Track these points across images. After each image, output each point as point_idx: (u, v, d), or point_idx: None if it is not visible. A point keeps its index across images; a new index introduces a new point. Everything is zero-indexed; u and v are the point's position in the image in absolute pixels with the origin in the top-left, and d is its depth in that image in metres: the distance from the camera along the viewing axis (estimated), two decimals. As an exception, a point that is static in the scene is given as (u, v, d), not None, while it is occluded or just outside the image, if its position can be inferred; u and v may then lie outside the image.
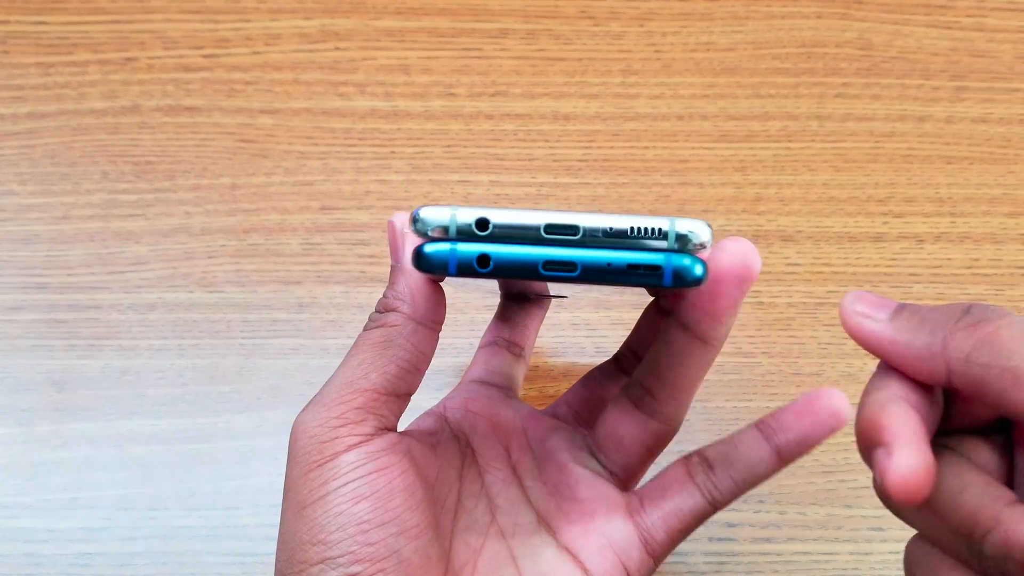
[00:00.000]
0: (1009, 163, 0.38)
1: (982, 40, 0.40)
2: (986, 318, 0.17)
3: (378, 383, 0.20)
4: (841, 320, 0.19)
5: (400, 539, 0.19)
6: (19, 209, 0.36)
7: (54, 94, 0.38)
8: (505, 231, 0.18)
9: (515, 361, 0.28)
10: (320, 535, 0.19)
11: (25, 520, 0.32)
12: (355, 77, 0.39)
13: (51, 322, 0.34)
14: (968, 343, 0.17)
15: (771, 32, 0.40)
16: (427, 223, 0.18)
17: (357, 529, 0.19)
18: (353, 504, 0.19)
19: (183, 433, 0.33)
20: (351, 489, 0.19)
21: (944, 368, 0.17)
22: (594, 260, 0.18)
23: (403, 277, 0.21)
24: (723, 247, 0.19)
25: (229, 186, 0.37)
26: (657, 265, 0.18)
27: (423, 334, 0.21)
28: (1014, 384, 0.16)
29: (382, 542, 0.19)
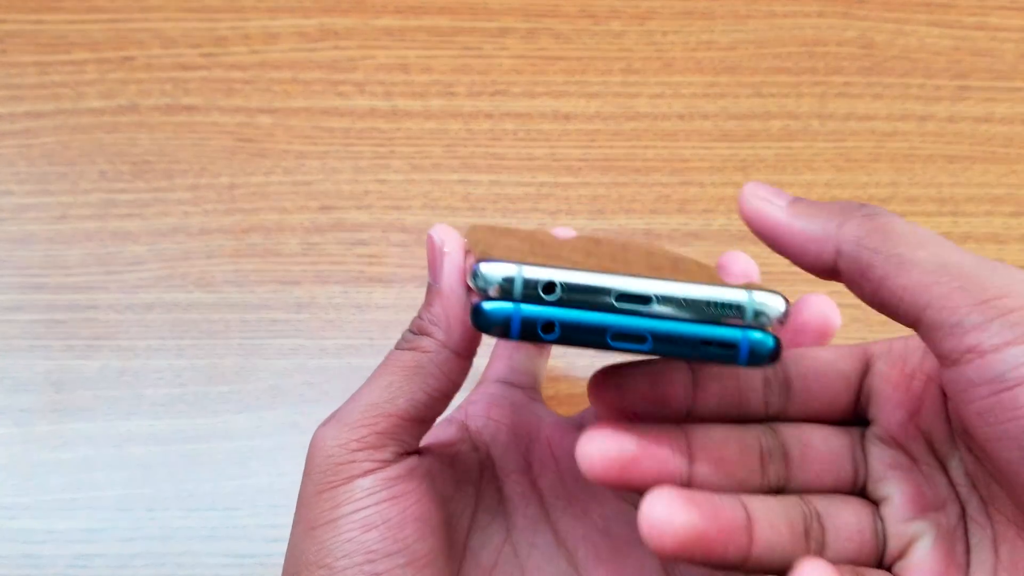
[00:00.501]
0: (1012, 162, 0.38)
1: (985, 39, 0.40)
2: (881, 212, 0.18)
3: (404, 409, 0.20)
4: (739, 206, 0.19)
5: (407, 570, 0.19)
6: (16, 209, 0.36)
7: (51, 93, 0.38)
8: (572, 295, 0.17)
9: (538, 354, 0.27)
10: (327, 559, 0.19)
11: (23, 521, 0.32)
12: (354, 76, 0.38)
13: (49, 322, 0.34)
14: (862, 229, 0.18)
15: (772, 31, 0.40)
16: (488, 280, 0.17)
17: (364, 558, 0.19)
18: (363, 532, 0.19)
19: (182, 433, 0.33)
20: (362, 516, 0.19)
21: (833, 251, 0.18)
22: (666, 333, 0.17)
23: (440, 300, 0.20)
24: (805, 303, 0.20)
25: (227, 185, 0.37)
26: (733, 342, 0.17)
27: (456, 363, 0.20)
28: (898, 269, 0.17)
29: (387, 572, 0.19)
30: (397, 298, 0.35)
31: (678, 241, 0.36)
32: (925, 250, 0.17)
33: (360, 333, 0.35)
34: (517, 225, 0.37)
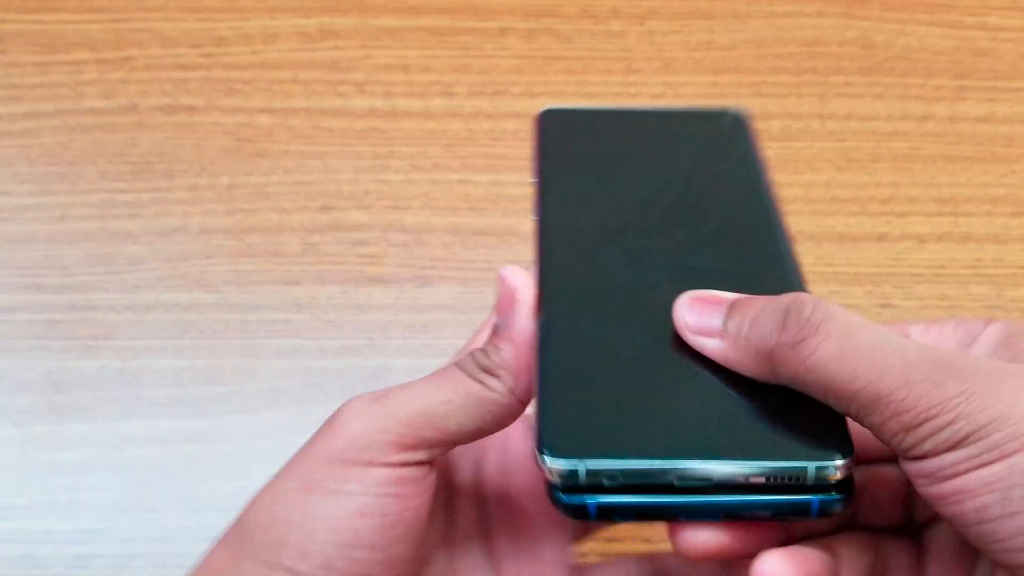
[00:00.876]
0: (1012, 162, 0.38)
1: (985, 39, 0.40)
2: (801, 337, 0.17)
3: (453, 431, 0.20)
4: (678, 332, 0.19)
5: (379, 567, 0.19)
6: (16, 209, 0.36)
7: (51, 93, 0.38)
8: (636, 480, 0.17)
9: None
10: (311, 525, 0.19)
11: (23, 521, 0.32)
12: (354, 76, 0.38)
13: (48, 322, 0.34)
14: (790, 369, 0.17)
15: (773, 31, 0.40)
16: (554, 472, 0.17)
17: (348, 541, 0.19)
18: (358, 517, 0.19)
19: (181, 434, 0.33)
20: (364, 502, 0.19)
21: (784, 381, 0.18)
22: (735, 508, 0.17)
23: (512, 349, 0.20)
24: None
25: (227, 186, 0.37)
26: (804, 506, 0.17)
27: (516, 410, 0.20)
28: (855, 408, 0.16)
29: (361, 563, 0.19)
30: (397, 298, 0.35)
31: (678, 241, 0.36)
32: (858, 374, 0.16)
33: (360, 333, 0.35)
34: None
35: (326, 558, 0.19)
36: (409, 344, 0.35)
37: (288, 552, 0.19)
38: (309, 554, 0.19)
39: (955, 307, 0.36)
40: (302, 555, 0.19)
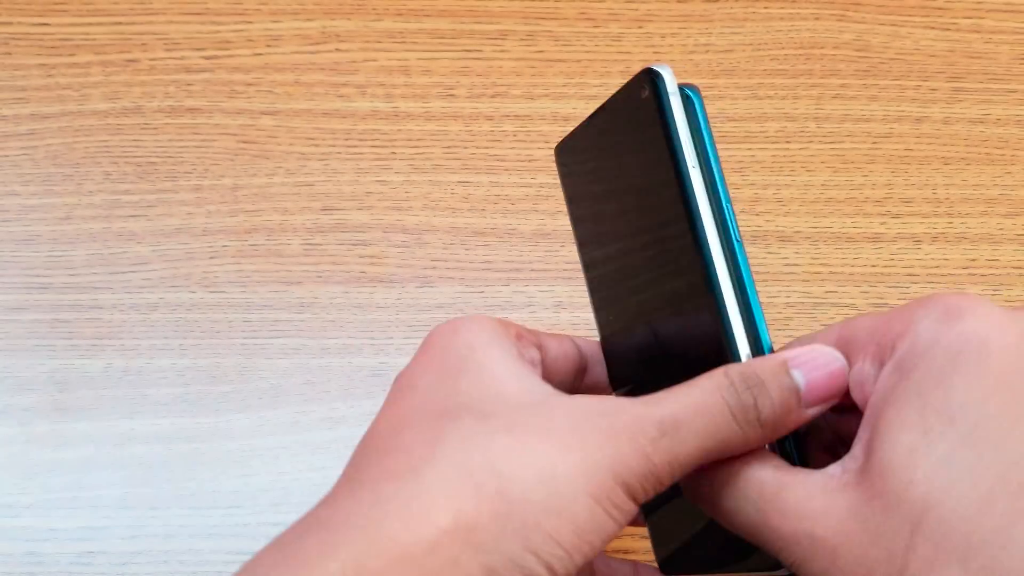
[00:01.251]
0: (1006, 164, 0.38)
1: (979, 41, 0.40)
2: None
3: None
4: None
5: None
6: (21, 210, 0.36)
7: (56, 95, 0.38)
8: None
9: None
10: (584, 535, 0.18)
11: (26, 519, 0.32)
12: (356, 78, 0.39)
13: (53, 322, 0.35)
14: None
15: (769, 34, 0.40)
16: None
17: (583, 565, 0.18)
18: (601, 542, 0.18)
19: (184, 433, 0.33)
20: (614, 532, 0.18)
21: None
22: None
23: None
24: None
25: (230, 187, 0.37)
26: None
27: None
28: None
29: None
30: (398, 298, 0.36)
31: (676, 241, 0.37)
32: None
33: (361, 333, 0.35)
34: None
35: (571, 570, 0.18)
36: (410, 343, 0.35)
37: (559, 555, 0.17)
38: (569, 565, 0.18)
39: (950, 306, 0.36)
40: (564, 564, 0.17)
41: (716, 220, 0.20)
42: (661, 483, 0.18)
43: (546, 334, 0.24)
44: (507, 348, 0.21)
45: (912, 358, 0.18)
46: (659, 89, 0.20)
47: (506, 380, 0.20)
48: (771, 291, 0.36)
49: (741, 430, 0.19)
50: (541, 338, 0.24)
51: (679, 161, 0.20)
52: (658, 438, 0.18)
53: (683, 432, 0.18)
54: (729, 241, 0.20)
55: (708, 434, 0.18)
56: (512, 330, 0.22)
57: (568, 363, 0.24)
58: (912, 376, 0.18)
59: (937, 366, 0.17)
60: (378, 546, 0.17)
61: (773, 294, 0.36)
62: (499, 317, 0.23)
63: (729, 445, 0.19)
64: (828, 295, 0.36)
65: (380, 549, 0.17)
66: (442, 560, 0.17)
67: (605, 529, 0.18)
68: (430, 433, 0.19)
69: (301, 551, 0.17)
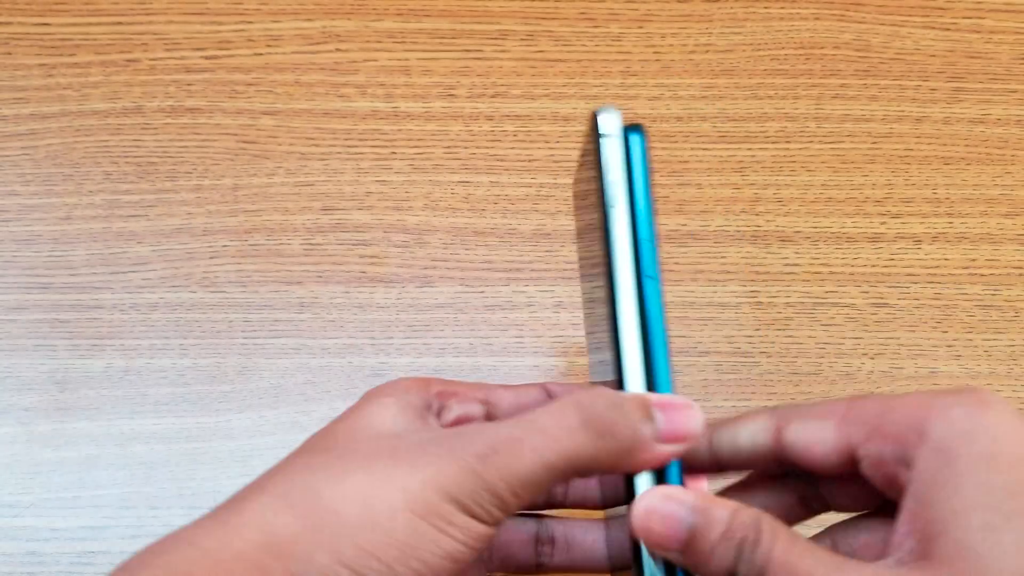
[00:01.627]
0: (1006, 164, 0.38)
1: (979, 41, 0.40)
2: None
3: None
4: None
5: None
6: (22, 210, 0.36)
7: (56, 95, 0.38)
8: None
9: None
10: (409, 550, 0.18)
11: (27, 519, 0.32)
12: (356, 78, 0.39)
13: (53, 322, 0.35)
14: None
15: (769, 33, 0.40)
16: None
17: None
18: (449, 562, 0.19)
19: (184, 432, 0.33)
20: (460, 552, 0.19)
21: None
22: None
23: None
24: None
25: (231, 187, 0.37)
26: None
27: None
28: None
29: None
30: (398, 298, 0.36)
31: (676, 241, 0.37)
32: None
33: (361, 333, 0.35)
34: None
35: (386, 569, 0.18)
36: (410, 343, 0.35)
37: (375, 567, 0.18)
38: (386, 573, 0.18)
39: (950, 307, 0.36)
40: (378, 572, 0.18)
41: (634, 256, 0.21)
42: (503, 499, 0.19)
43: (503, 387, 0.25)
44: (406, 399, 0.22)
45: (953, 442, 0.19)
46: (596, 133, 0.22)
47: (377, 421, 0.21)
48: (771, 291, 0.36)
49: (592, 444, 0.19)
50: (491, 394, 0.24)
51: (603, 201, 0.21)
52: (488, 455, 0.19)
53: (518, 449, 0.19)
54: (640, 276, 0.21)
55: (550, 449, 0.19)
56: (437, 387, 0.23)
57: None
58: (960, 460, 0.18)
59: (986, 449, 0.18)
60: (190, 554, 0.18)
61: (773, 294, 0.36)
62: (438, 378, 0.24)
63: (577, 459, 0.19)
64: (828, 295, 0.36)
65: (191, 557, 0.18)
66: (248, 566, 0.18)
67: (440, 544, 0.19)
68: (274, 467, 0.21)
69: (132, 562, 0.19)
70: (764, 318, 0.35)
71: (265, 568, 0.18)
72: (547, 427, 0.19)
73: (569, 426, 0.19)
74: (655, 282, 0.21)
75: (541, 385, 0.25)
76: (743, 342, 0.35)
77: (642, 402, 0.20)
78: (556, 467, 0.19)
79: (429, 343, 0.35)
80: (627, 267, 0.21)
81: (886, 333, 0.36)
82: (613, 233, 0.21)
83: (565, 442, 0.19)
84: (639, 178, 0.21)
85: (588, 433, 0.19)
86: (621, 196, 0.21)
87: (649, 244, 0.21)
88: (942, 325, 0.36)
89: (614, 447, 0.20)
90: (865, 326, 0.36)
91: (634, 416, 0.20)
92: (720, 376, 0.34)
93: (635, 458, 0.20)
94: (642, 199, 0.21)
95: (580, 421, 0.19)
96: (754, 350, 0.35)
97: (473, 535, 0.19)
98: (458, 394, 0.24)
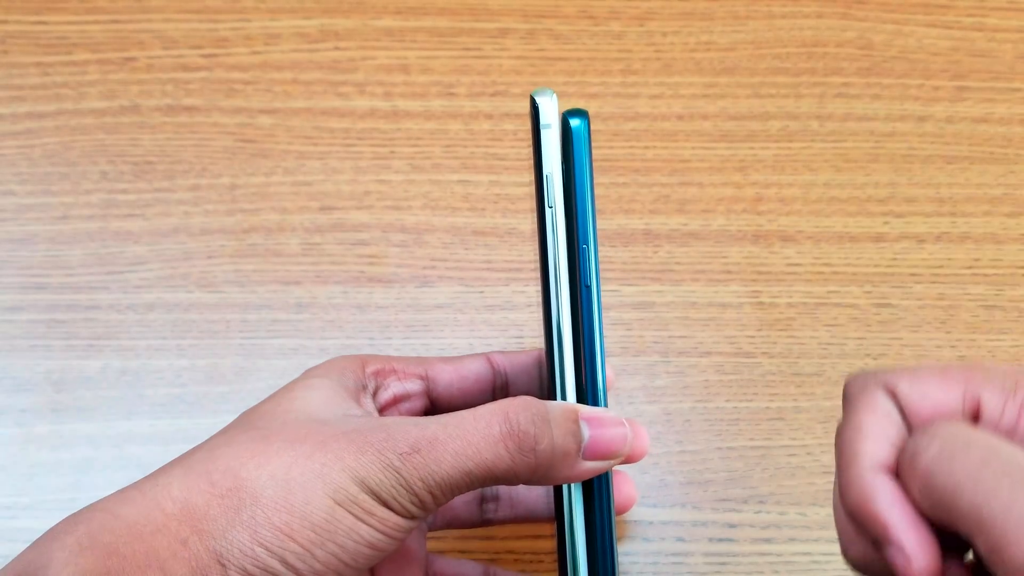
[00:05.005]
0: (1010, 163, 0.38)
1: (983, 40, 0.40)
2: (916, 451, 0.16)
3: None
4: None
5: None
6: (18, 209, 0.36)
7: (53, 94, 0.38)
8: None
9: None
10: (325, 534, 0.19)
11: (24, 520, 0.32)
12: (354, 77, 0.39)
13: (50, 322, 0.34)
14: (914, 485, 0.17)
15: (771, 32, 0.40)
16: None
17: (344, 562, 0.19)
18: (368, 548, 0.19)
19: (182, 433, 0.33)
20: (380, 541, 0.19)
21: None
22: None
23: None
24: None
25: (228, 186, 0.37)
26: None
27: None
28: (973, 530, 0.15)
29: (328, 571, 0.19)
30: (397, 298, 0.35)
31: (677, 241, 0.36)
32: None
33: (360, 333, 0.35)
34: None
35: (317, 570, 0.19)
36: (409, 343, 0.35)
37: (293, 549, 0.19)
38: (310, 560, 0.19)
39: (953, 307, 0.36)
40: (301, 558, 0.19)
41: (570, 261, 0.20)
42: (420, 498, 0.19)
43: (444, 360, 0.25)
44: (338, 380, 0.22)
45: None
46: (535, 120, 0.20)
47: (304, 403, 0.21)
48: (773, 291, 0.36)
49: (510, 457, 0.19)
50: (430, 369, 0.24)
51: (540, 199, 0.20)
52: (409, 454, 0.19)
53: (438, 451, 0.19)
54: (578, 284, 0.20)
55: (467, 456, 0.19)
56: (373, 366, 0.23)
57: (472, 384, 0.25)
58: None
59: None
60: (112, 524, 0.19)
61: (775, 294, 0.36)
62: (375, 354, 0.24)
63: (494, 469, 0.20)
64: (831, 295, 0.36)
65: (113, 527, 0.19)
66: (169, 539, 0.19)
67: (358, 531, 0.19)
68: (198, 445, 0.21)
69: (53, 529, 0.20)
70: (766, 318, 0.35)
71: (185, 541, 0.18)
72: (469, 434, 0.19)
73: (491, 436, 0.19)
74: (592, 291, 0.20)
75: (484, 356, 0.26)
76: (745, 342, 0.35)
77: (571, 415, 0.20)
78: (474, 474, 0.19)
79: (428, 343, 0.35)
80: (563, 274, 0.20)
81: (889, 334, 0.35)
82: (549, 237, 0.20)
83: (484, 452, 0.19)
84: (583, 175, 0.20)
85: (508, 445, 0.19)
86: (559, 195, 0.20)
87: (588, 250, 0.20)
88: (945, 325, 0.35)
89: (533, 462, 0.20)
90: (868, 326, 0.35)
91: (559, 431, 0.20)
92: (721, 377, 0.34)
93: (557, 473, 0.20)
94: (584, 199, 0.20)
95: (502, 432, 0.19)
96: (756, 350, 0.35)
97: (392, 526, 0.19)
98: (396, 371, 0.23)
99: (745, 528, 0.32)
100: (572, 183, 0.20)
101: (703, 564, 0.31)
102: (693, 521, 0.32)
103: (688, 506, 0.32)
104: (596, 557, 0.20)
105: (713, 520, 0.32)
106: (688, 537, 0.32)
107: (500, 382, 0.26)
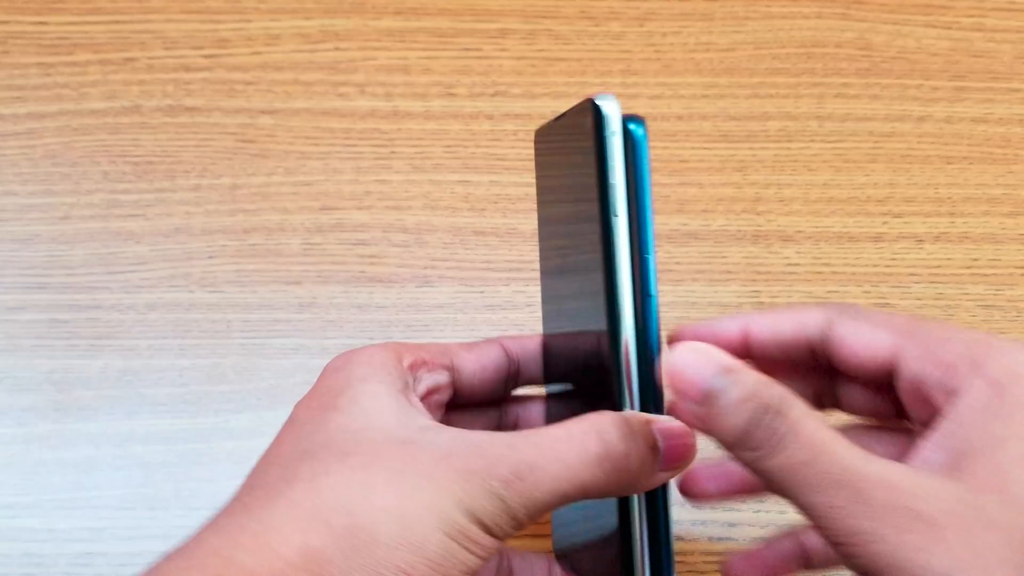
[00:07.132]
0: (1008, 163, 0.38)
1: (981, 40, 0.40)
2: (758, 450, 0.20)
3: None
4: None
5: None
6: (20, 209, 0.36)
7: (54, 94, 0.38)
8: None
9: None
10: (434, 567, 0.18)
11: (25, 520, 0.32)
12: (355, 77, 0.39)
13: (51, 322, 0.34)
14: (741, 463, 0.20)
15: (771, 32, 0.40)
16: None
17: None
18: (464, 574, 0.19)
19: (183, 433, 0.33)
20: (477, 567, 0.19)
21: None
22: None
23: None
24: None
25: (229, 186, 0.37)
26: None
27: None
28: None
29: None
30: (398, 298, 0.35)
31: (677, 241, 0.37)
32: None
33: (361, 332, 0.35)
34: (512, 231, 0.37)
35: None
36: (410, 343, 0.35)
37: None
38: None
39: (952, 306, 0.36)
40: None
41: (633, 272, 0.20)
42: (519, 521, 0.20)
43: (465, 348, 0.25)
44: (390, 382, 0.22)
45: (1006, 379, 0.20)
46: (599, 127, 0.20)
47: (376, 416, 0.21)
48: (773, 291, 0.36)
49: (605, 477, 0.20)
50: (455, 358, 0.25)
51: (605, 208, 0.20)
52: (513, 481, 0.19)
53: (538, 475, 0.19)
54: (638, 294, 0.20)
55: (565, 479, 0.19)
56: (408, 358, 0.23)
57: (492, 373, 0.25)
58: (1010, 395, 0.19)
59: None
60: (226, 571, 0.18)
61: (775, 294, 0.36)
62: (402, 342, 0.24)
63: (588, 490, 0.20)
64: (830, 295, 0.36)
65: (228, 574, 0.18)
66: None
67: (464, 561, 0.19)
68: (290, 470, 0.20)
69: (163, 567, 0.18)
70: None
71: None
72: (567, 456, 0.19)
73: (587, 458, 0.20)
74: (654, 300, 0.20)
75: (497, 341, 0.26)
76: (744, 342, 0.35)
77: (647, 427, 0.21)
78: (569, 495, 0.20)
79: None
80: (628, 285, 0.20)
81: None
82: (617, 247, 0.20)
83: (583, 475, 0.19)
84: (645, 183, 0.20)
85: (605, 466, 0.20)
86: (622, 205, 0.20)
87: (651, 259, 0.20)
88: (944, 325, 0.36)
89: (626, 480, 0.20)
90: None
91: (644, 446, 0.20)
92: (721, 376, 0.34)
93: (637, 485, 0.21)
94: (648, 209, 0.20)
95: (598, 454, 0.20)
96: (755, 350, 0.35)
97: (489, 549, 0.19)
98: (427, 362, 0.24)
99: (745, 527, 0.32)
100: (634, 192, 0.20)
101: (702, 563, 0.31)
102: (693, 520, 0.32)
103: (688, 505, 0.32)
104: (660, 564, 0.20)
105: (713, 519, 0.32)
106: (688, 536, 0.32)
107: (513, 369, 0.26)
